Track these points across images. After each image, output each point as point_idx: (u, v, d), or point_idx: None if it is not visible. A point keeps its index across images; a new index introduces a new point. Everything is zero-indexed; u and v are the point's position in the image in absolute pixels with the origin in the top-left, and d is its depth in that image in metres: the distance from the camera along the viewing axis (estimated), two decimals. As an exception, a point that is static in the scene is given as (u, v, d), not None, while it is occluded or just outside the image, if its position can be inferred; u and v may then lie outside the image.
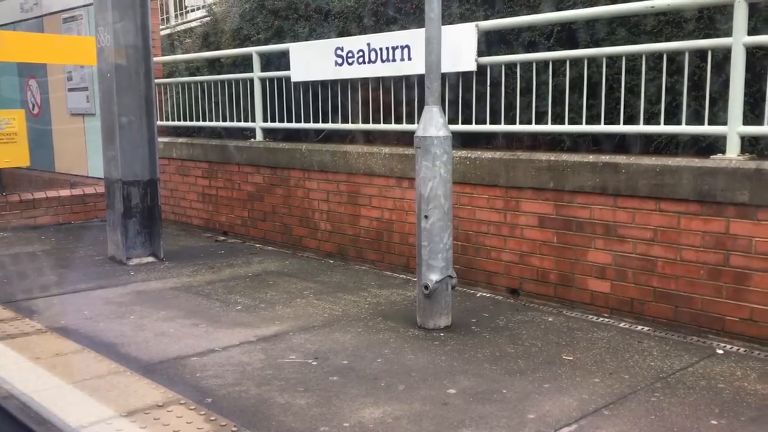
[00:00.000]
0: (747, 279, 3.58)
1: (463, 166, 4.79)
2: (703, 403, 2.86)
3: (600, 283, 4.17)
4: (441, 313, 3.86)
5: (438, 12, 3.71)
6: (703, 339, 3.68)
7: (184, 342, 3.62)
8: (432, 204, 3.77)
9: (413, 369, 3.25)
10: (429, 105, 3.77)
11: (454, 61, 4.84)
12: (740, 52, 3.60)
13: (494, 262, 4.71)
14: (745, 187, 3.52)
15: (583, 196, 4.20)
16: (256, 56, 6.45)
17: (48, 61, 7.76)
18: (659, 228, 3.88)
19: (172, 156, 7.56)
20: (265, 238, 6.49)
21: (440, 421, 2.68)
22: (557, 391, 2.98)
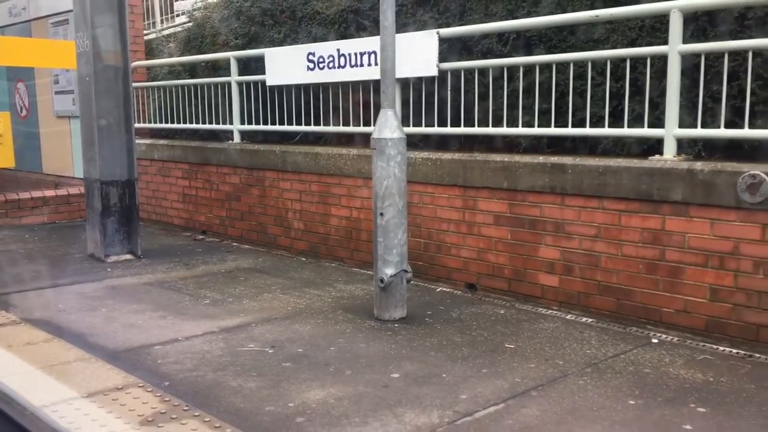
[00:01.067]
0: (681, 273, 3.80)
1: (425, 166, 5.01)
2: (626, 385, 3.08)
3: (549, 278, 4.39)
4: (396, 305, 4.08)
5: (392, 21, 3.94)
6: (642, 329, 3.91)
7: (150, 333, 3.82)
8: (387, 202, 3.99)
9: (363, 356, 3.46)
10: (384, 108, 3.99)
11: (417, 67, 5.07)
12: (676, 59, 3.83)
13: (454, 259, 4.92)
14: (679, 186, 3.75)
15: (534, 195, 4.42)
16: (233, 60, 6.66)
17: (29, 64, 7.95)
18: (602, 225, 4.11)
19: (154, 157, 7.76)
20: (242, 237, 6.70)
21: (378, 401, 2.90)
22: (493, 375, 3.20)
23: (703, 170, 3.66)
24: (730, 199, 3.56)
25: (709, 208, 3.66)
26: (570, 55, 4.31)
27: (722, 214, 3.62)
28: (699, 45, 3.78)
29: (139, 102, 8.24)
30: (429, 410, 2.81)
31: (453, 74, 4.96)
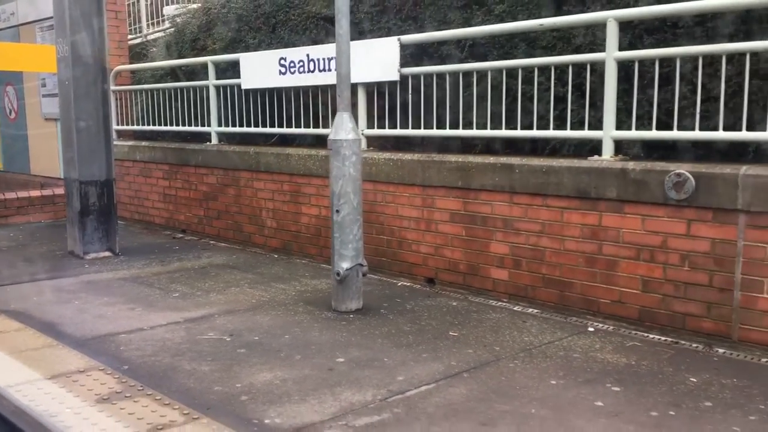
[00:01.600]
0: (616, 266, 4.05)
1: (387, 167, 5.25)
2: (553, 368, 3.32)
3: (500, 272, 4.64)
4: (352, 297, 4.32)
5: (346, 29, 4.18)
6: (582, 319, 4.15)
7: (118, 323, 4.06)
8: (342, 200, 4.23)
9: (314, 343, 3.70)
10: (340, 111, 4.24)
11: (380, 72, 5.31)
12: (612, 65, 4.08)
13: (414, 254, 5.16)
14: (613, 185, 4.00)
15: (485, 194, 4.66)
16: (210, 65, 6.90)
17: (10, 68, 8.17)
18: (546, 221, 4.35)
19: (136, 158, 8.00)
20: (219, 236, 6.93)
21: (320, 382, 3.13)
22: (432, 360, 3.44)
23: (635, 169, 3.90)
24: (658, 196, 3.81)
25: (640, 205, 3.91)
26: (517, 62, 4.56)
27: (652, 210, 3.87)
28: (633, 52, 4.03)
29: (124, 105, 8.48)
30: (365, 390, 3.05)
31: (414, 78, 5.21)
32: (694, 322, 3.77)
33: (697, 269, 3.73)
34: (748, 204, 3.50)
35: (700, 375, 3.24)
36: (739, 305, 3.60)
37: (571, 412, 2.83)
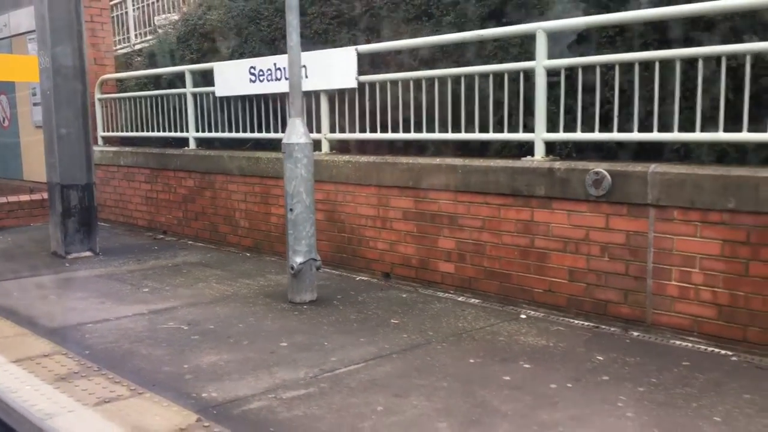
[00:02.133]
0: (547, 258, 4.38)
1: (347, 168, 5.59)
2: (475, 350, 3.65)
3: (447, 265, 4.96)
4: (306, 289, 4.65)
5: (297, 42, 4.53)
6: (517, 308, 4.47)
7: (87, 314, 4.40)
8: (295, 199, 4.57)
9: (264, 331, 4.03)
10: (292, 117, 4.58)
11: (339, 80, 5.65)
12: (542, 72, 4.41)
13: (372, 251, 5.49)
14: (542, 183, 4.32)
15: (433, 193, 4.99)
16: (188, 74, 7.25)
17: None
18: (486, 218, 4.68)
19: (120, 163, 8.35)
20: (197, 236, 7.27)
21: (260, 363, 3.47)
22: (368, 344, 3.77)
23: (560, 169, 4.23)
24: (580, 193, 4.14)
25: (565, 201, 4.24)
26: (460, 70, 4.89)
27: (576, 206, 4.19)
28: (559, 61, 4.36)
29: (110, 112, 8.83)
30: (299, 369, 3.38)
31: (371, 86, 5.54)
32: (613, 308, 4.09)
33: (615, 259, 4.05)
34: (656, 199, 3.83)
35: (608, 354, 3.56)
36: (651, 292, 3.92)
37: (479, 385, 3.15)
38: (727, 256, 3.61)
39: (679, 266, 3.79)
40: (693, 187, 3.68)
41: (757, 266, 3.52)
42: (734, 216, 3.56)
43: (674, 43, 4.03)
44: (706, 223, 3.67)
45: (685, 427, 2.70)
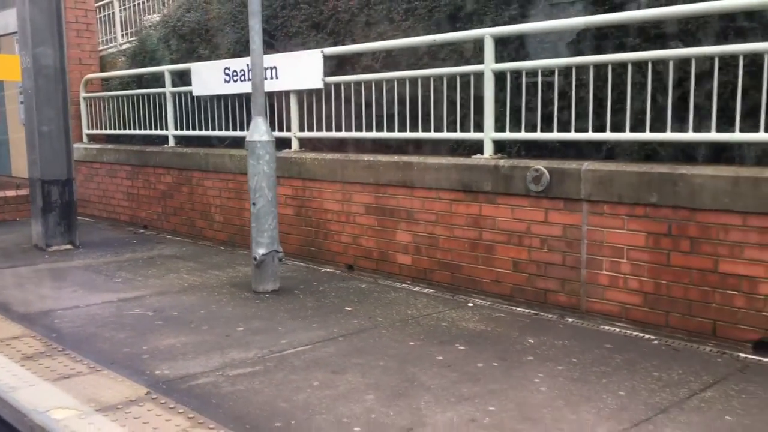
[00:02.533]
0: (493, 250, 4.64)
1: (314, 165, 5.85)
2: (418, 333, 3.91)
3: (404, 257, 5.23)
4: (268, 279, 4.91)
5: (259, 44, 4.79)
6: (467, 297, 4.74)
7: (59, 302, 4.66)
8: (258, 194, 4.83)
9: (224, 317, 4.30)
10: (255, 116, 4.84)
11: (307, 81, 5.91)
12: (490, 75, 4.67)
13: (336, 244, 5.76)
14: (489, 179, 4.59)
15: (392, 189, 5.26)
16: (167, 74, 7.50)
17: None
18: (440, 212, 4.94)
19: (103, 160, 8.60)
20: (175, 230, 7.53)
21: (214, 345, 3.73)
22: (319, 328, 4.03)
23: (504, 166, 4.50)
24: (522, 188, 4.40)
25: (509, 197, 4.50)
26: (417, 72, 5.14)
27: (518, 201, 4.46)
28: (505, 64, 4.62)
29: (94, 110, 9.07)
30: (250, 350, 3.64)
31: (336, 86, 5.80)
32: (552, 296, 4.36)
33: (553, 251, 4.32)
34: (589, 194, 4.10)
35: (539, 337, 3.83)
36: (585, 281, 4.19)
37: (413, 364, 3.42)
38: (650, 247, 3.88)
39: (609, 257, 4.07)
40: (620, 183, 3.95)
41: (677, 257, 3.79)
42: (656, 210, 3.84)
43: (608, 49, 4.30)
44: (632, 217, 3.94)
45: (589, 399, 2.97)
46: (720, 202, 3.58)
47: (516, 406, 2.90)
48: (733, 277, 3.58)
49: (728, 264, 3.59)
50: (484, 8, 4.96)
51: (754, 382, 3.15)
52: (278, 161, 6.13)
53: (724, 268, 3.61)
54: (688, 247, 3.73)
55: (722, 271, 3.62)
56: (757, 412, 2.83)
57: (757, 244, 3.48)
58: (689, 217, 3.71)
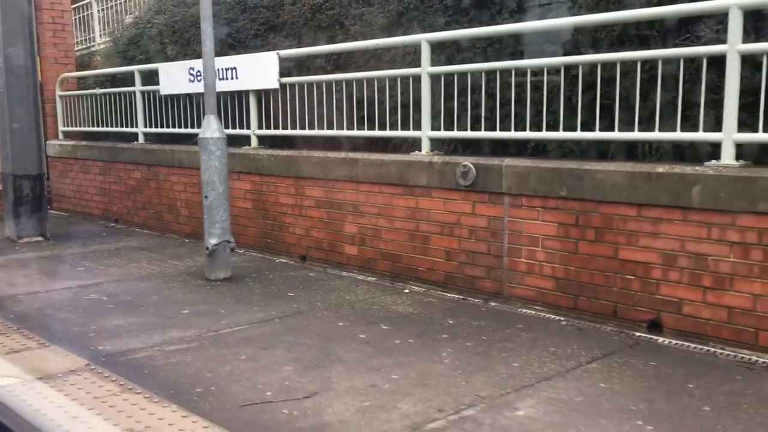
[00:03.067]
0: (429, 240, 4.98)
1: (270, 162, 6.17)
2: (348, 316, 4.25)
3: (351, 248, 5.56)
4: (220, 268, 5.23)
5: (211, 47, 5.11)
6: (405, 284, 5.08)
7: (22, 288, 4.97)
8: (210, 187, 5.15)
9: (173, 301, 4.62)
10: (207, 114, 5.16)
11: (264, 81, 6.23)
12: (426, 78, 5.00)
13: (291, 236, 6.08)
14: (424, 174, 4.93)
15: (340, 183, 5.59)
16: (137, 73, 7.80)
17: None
18: (382, 205, 5.28)
19: (77, 156, 8.89)
20: (144, 224, 7.83)
21: (158, 326, 4.05)
22: (259, 311, 4.36)
23: (438, 162, 4.84)
24: (453, 183, 4.74)
25: (442, 191, 4.84)
26: (362, 74, 5.48)
27: (450, 194, 4.80)
28: (439, 68, 4.96)
29: (70, 108, 9.36)
30: (189, 330, 3.97)
31: (291, 87, 6.12)
32: (479, 282, 4.70)
33: (480, 241, 4.66)
34: (509, 188, 4.44)
35: (459, 319, 4.17)
36: (507, 268, 4.53)
37: (336, 341, 3.75)
38: (561, 236, 4.23)
39: (526, 246, 4.41)
40: (536, 178, 4.29)
41: (584, 245, 4.13)
42: (566, 202, 4.18)
43: (529, 54, 4.64)
44: (546, 209, 4.28)
45: (484, 369, 3.31)
46: (619, 194, 3.92)
47: (417, 375, 3.24)
48: (630, 263, 3.93)
49: (626, 251, 3.94)
50: (423, 15, 5.30)
51: (638, 356, 3.50)
52: (238, 158, 6.47)
53: (623, 255, 3.96)
54: (593, 236, 4.08)
55: (621, 257, 3.97)
56: (629, 381, 3.17)
57: (650, 233, 3.84)
58: (594, 209, 4.06)
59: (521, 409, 2.85)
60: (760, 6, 3.52)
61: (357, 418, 2.77)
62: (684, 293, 3.73)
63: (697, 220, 3.64)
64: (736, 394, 3.00)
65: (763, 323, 3.48)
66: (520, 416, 2.78)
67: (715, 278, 3.61)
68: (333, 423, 2.73)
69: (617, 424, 2.72)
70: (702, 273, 3.65)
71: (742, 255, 3.51)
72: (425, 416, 2.79)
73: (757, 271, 3.46)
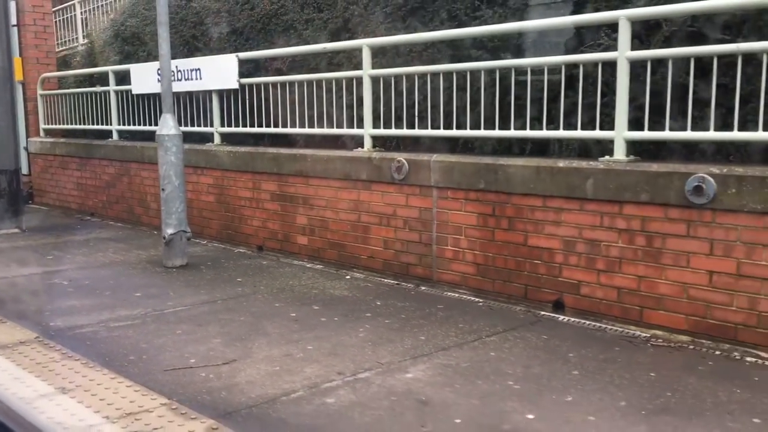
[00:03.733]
0: (369, 230, 5.37)
1: (229, 158, 6.55)
2: (287, 298, 4.63)
3: (302, 238, 5.95)
4: (177, 256, 5.61)
5: (167, 51, 5.49)
6: (348, 271, 5.46)
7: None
8: (166, 181, 5.53)
9: (129, 286, 4.99)
10: (164, 113, 5.54)
11: (225, 82, 6.61)
12: (368, 80, 5.38)
13: (249, 227, 6.47)
14: (365, 170, 5.31)
15: (292, 178, 5.97)
16: (111, 74, 8.18)
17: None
18: (329, 198, 5.66)
19: (56, 153, 9.26)
20: (118, 217, 8.21)
21: (109, 306, 4.43)
22: (205, 294, 4.74)
23: (376, 158, 5.22)
24: (389, 177, 5.12)
25: (380, 184, 5.22)
26: (313, 76, 5.86)
27: (387, 188, 5.18)
28: (378, 71, 5.34)
29: (51, 107, 9.73)
30: (137, 309, 4.35)
31: (249, 87, 6.50)
32: (412, 269, 5.09)
33: (413, 230, 5.04)
34: (437, 181, 4.82)
35: (387, 301, 4.55)
36: (435, 255, 4.92)
37: (268, 319, 4.13)
38: (480, 225, 4.61)
39: (452, 234, 4.79)
40: (459, 172, 4.68)
41: (500, 233, 4.52)
42: (484, 194, 4.57)
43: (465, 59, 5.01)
44: (468, 200, 4.67)
45: (393, 341, 3.70)
46: (527, 187, 4.31)
47: (331, 346, 3.62)
48: (537, 249, 4.32)
49: (534, 238, 4.33)
50: (366, 21, 5.68)
51: (535, 331, 3.89)
52: (202, 154, 6.85)
53: (531, 241, 4.35)
54: (507, 225, 4.47)
55: (530, 244, 4.36)
56: (517, 351, 3.56)
57: (553, 222, 4.22)
58: (507, 200, 4.45)
59: (411, 373, 3.24)
60: (647, 17, 3.91)
61: (264, 379, 3.16)
62: (581, 276, 4.12)
63: (592, 210, 4.03)
64: (607, 362, 3.39)
65: (646, 302, 3.87)
66: (408, 378, 3.17)
67: (606, 262, 4.00)
68: (241, 383, 3.11)
69: (490, 383, 3.10)
70: (596, 257, 4.04)
71: (628, 240, 3.90)
72: (325, 378, 3.17)
73: (641, 255, 3.85)
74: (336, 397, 2.95)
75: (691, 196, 3.58)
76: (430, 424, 2.70)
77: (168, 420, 2.67)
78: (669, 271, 3.75)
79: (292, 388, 3.06)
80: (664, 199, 3.71)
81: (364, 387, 3.07)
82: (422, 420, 2.73)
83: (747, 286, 3.50)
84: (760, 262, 3.44)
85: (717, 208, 3.54)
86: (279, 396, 2.97)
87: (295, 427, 2.67)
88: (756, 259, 3.45)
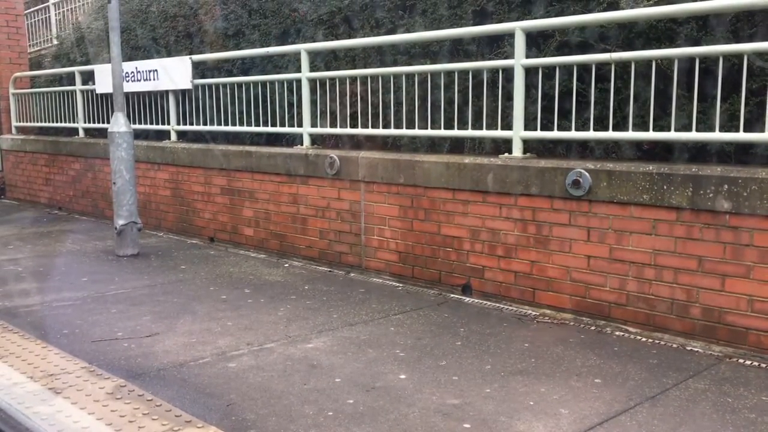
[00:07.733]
0: (307, 222, 5.76)
1: (183, 154, 6.93)
2: (221, 282, 5.01)
3: (248, 230, 6.33)
4: (128, 246, 5.98)
5: (118, 53, 5.86)
6: (288, 260, 5.85)
7: (-49, 261, 5.71)
8: (117, 175, 5.90)
9: (79, 272, 5.36)
10: (116, 111, 5.91)
11: (180, 82, 6.98)
12: (306, 82, 5.78)
13: (201, 220, 6.85)
14: (302, 165, 5.70)
15: (239, 173, 6.36)
16: (77, 74, 8.53)
17: None
18: (272, 192, 6.05)
19: (27, 150, 9.60)
20: (83, 211, 8.56)
21: (56, 289, 4.80)
22: (147, 279, 5.12)
23: (312, 154, 5.62)
24: (323, 172, 5.52)
25: (316, 179, 5.62)
26: (258, 78, 6.25)
27: (322, 182, 5.58)
28: (316, 73, 5.74)
29: (23, 105, 10.06)
30: (81, 292, 4.72)
31: (202, 87, 6.88)
32: (344, 257, 5.48)
33: (344, 221, 5.44)
34: (364, 176, 5.23)
35: (315, 285, 4.95)
36: (364, 244, 5.32)
37: (199, 300, 4.52)
38: (401, 216, 5.02)
39: (377, 225, 5.20)
40: (382, 167, 5.08)
41: (417, 223, 4.92)
42: (404, 188, 4.97)
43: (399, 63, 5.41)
44: (390, 194, 5.07)
45: (307, 318, 4.09)
46: (440, 181, 4.72)
47: (249, 323, 4.02)
48: (449, 237, 4.73)
49: (446, 228, 4.74)
50: (306, 27, 6.07)
51: (439, 311, 4.30)
52: (159, 150, 7.23)
53: (444, 231, 4.76)
54: (423, 216, 4.87)
55: (443, 233, 4.77)
56: (416, 326, 3.96)
57: (461, 213, 4.63)
58: (423, 193, 4.86)
59: (312, 343, 3.64)
60: (539, 28, 4.32)
61: (179, 348, 3.55)
62: (485, 261, 4.54)
63: (492, 202, 4.45)
64: (491, 335, 3.80)
65: (538, 284, 4.29)
66: (308, 348, 3.57)
67: (505, 248, 4.42)
68: (158, 352, 3.50)
69: (379, 350, 3.51)
70: (497, 244, 4.46)
71: (522, 229, 4.32)
72: (233, 348, 3.57)
73: (533, 242, 4.27)
74: (238, 363, 3.35)
75: (570, 189, 4.00)
76: (312, 382, 3.10)
77: (84, 380, 3.06)
78: (555, 256, 4.18)
79: (201, 355, 3.45)
80: (550, 191, 4.13)
81: (265, 354, 3.47)
82: (306, 379, 3.13)
83: (617, 268, 3.92)
84: (627, 248, 3.87)
85: (592, 200, 3.96)
86: (188, 362, 3.36)
87: (193, 385, 3.07)
88: (624, 245, 3.88)
